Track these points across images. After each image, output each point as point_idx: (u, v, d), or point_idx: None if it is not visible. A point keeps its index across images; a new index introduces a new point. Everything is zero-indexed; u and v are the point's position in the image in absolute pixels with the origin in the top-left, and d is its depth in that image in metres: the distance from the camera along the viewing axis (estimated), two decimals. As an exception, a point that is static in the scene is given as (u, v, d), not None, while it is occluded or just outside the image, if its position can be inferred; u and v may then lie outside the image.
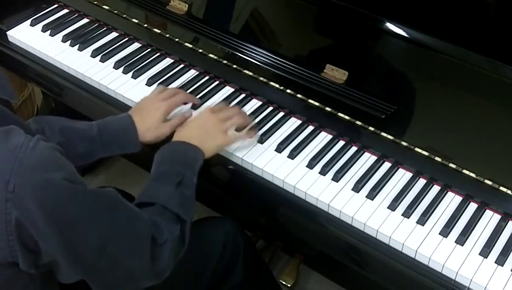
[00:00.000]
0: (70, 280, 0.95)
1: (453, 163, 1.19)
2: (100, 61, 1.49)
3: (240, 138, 1.26)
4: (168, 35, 1.52)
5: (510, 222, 1.14)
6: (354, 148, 1.28)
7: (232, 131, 1.25)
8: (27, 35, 1.57)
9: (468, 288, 1.06)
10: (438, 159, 1.20)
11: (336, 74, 1.32)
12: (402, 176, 1.22)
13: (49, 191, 0.85)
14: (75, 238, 0.89)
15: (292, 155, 1.25)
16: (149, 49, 1.53)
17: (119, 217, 0.95)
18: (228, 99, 1.39)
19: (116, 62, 1.48)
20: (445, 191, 1.19)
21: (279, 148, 1.26)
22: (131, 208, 0.99)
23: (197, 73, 1.46)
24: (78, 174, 0.92)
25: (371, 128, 1.27)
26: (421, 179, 1.21)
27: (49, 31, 1.58)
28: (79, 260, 0.91)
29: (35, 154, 0.85)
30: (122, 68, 1.47)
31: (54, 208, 0.86)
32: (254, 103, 1.38)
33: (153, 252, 0.97)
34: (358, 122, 1.28)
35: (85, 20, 1.63)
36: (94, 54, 1.51)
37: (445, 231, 1.11)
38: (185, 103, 1.36)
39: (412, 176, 1.22)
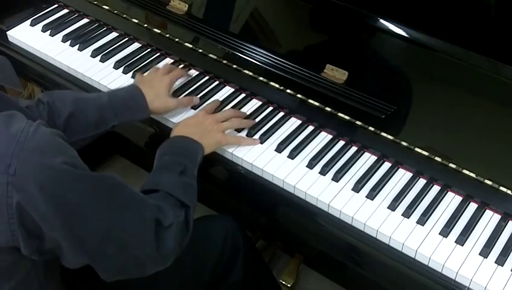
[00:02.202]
0: (75, 265, 0.96)
1: (453, 163, 1.19)
2: (100, 61, 1.49)
3: (242, 141, 1.27)
4: (168, 35, 1.52)
5: (510, 222, 1.14)
6: (354, 148, 1.28)
7: (232, 132, 1.25)
8: (27, 35, 1.57)
9: (468, 288, 1.06)
10: (438, 159, 1.20)
11: (336, 74, 1.32)
12: (402, 176, 1.22)
13: (50, 174, 0.86)
14: (77, 222, 0.89)
15: (292, 155, 1.25)
16: (149, 49, 1.53)
17: (121, 200, 0.95)
18: (228, 99, 1.39)
19: (116, 62, 1.48)
20: (445, 191, 1.19)
21: (279, 148, 1.26)
22: (134, 192, 0.99)
23: (197, 73, 1.46)
24: (79, 159, 0.93)
25: (371, 128, 1.27)
26: (421, 179, 1.21)
27: (49, 31, 1.58)
28: (82, 244, 0.91)
29: (36, 138, 0.86)
30: (122, 68, 1.47)
31: (55, 192, 0.86)
32: (254, 103, 1.38)
33: (158, 236, 0.97)
34: (358, 122, 1.28)
35: (85, 20, 1.63)
36: (94, 54, 1.51)
37: (445, 231, 1.11)
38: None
39: (412, 176, 1.22)
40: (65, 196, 0.88)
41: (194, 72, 1.46)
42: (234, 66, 1.42)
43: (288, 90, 1.36)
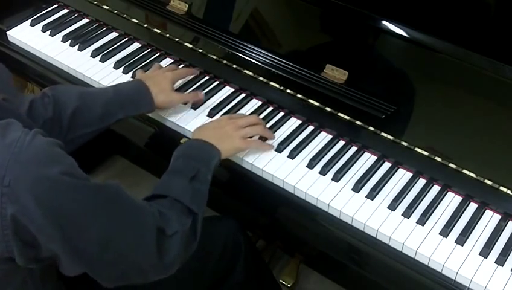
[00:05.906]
0: (73, 272, 0.95)
1: (453, 163, 1.19)
2: (100, 61, 1.49)
3: (262, 146, 1.26)
4: (168, 35, 1.52)
5: (510, 222, 1.14)
6: (354, 148, 1.28)
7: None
8: (27, 35, 1.57)
9: (468, 288, 1.06)
10: (438, 159, 1.20)
11: (336, 74, 1.32)
12: (402, 176, 1.22)
13: (46, 185, 0.84)
14: (75, 233, 0.88)
15: (292, 155, 1.25)
16: (149, 49, 1.53)
17: (120, 210, 0.94)
18: (228, 99, 1.39)
19: (116, 62, 1.48)
20: (445, 191, 1.19)
21: (279, 148, 1.26)
22: (134, 200, 0.98)
23: (197, 73, 1.46)
24: (78, 168, 0.91)
25: (371, 128, 1.27)
26: (421, 179, 1.21)
27: (49, 31, 1.58)
28: (81, 254, 0.90)
29: (32, 148, 0.85)
30: (122, 68, 1.47)
31: (51, 203, 0.85)
32: (254, 103, 1.38)
33: (160, 244, 0.96)
34: (358, 122, 1.28)
35: (85, 20, 1.63)
36: (94, 54, 1.51)
37: (445, 231, 1.11)
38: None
39: (412, 176, 1.22)
40: (62, 207, 0.86)
41: (196, 71, 1.46)
42: (234, 66, 1.42)
43: (288, 90, 1.36)
